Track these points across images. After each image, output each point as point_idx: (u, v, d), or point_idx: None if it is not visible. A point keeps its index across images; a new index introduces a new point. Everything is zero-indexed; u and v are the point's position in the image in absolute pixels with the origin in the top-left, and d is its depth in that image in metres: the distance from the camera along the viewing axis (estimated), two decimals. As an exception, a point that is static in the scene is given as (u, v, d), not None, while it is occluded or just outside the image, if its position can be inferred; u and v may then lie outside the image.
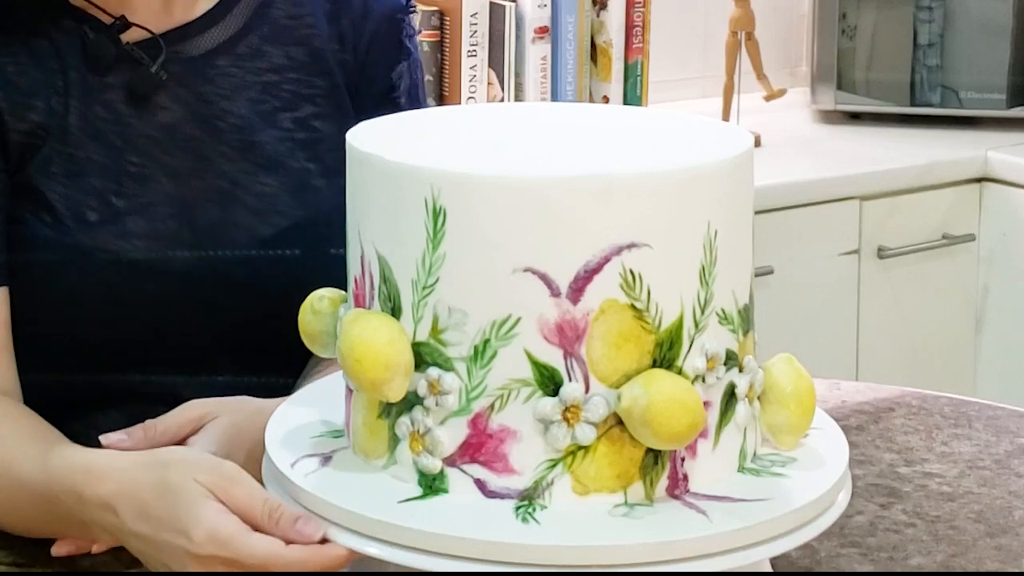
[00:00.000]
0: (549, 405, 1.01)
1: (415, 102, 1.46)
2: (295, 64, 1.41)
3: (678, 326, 1.01)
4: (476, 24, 2.64)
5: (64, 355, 1.35)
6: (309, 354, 1.40)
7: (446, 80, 2.66)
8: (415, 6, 1.49)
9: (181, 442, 1.22)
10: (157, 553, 1.10)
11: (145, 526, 1.11)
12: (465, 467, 1.03)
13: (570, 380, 1.01)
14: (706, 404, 1.03)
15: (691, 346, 1.02)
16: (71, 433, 1.24)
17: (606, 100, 2.73)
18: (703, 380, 1.03)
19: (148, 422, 1.23)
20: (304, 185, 1.38)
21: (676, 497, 1.04)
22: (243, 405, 1.25)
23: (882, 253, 2.69)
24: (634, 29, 2.74)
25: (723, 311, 1.04)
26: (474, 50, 2.64)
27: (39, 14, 1.35)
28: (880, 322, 2.72)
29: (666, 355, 1.01)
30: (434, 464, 1.03)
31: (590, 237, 0.99)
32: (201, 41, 1.39)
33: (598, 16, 2.74)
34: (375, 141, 1.07)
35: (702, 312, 1.02)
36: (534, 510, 1.01)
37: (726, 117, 2.85)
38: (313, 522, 1.05)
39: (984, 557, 1.22)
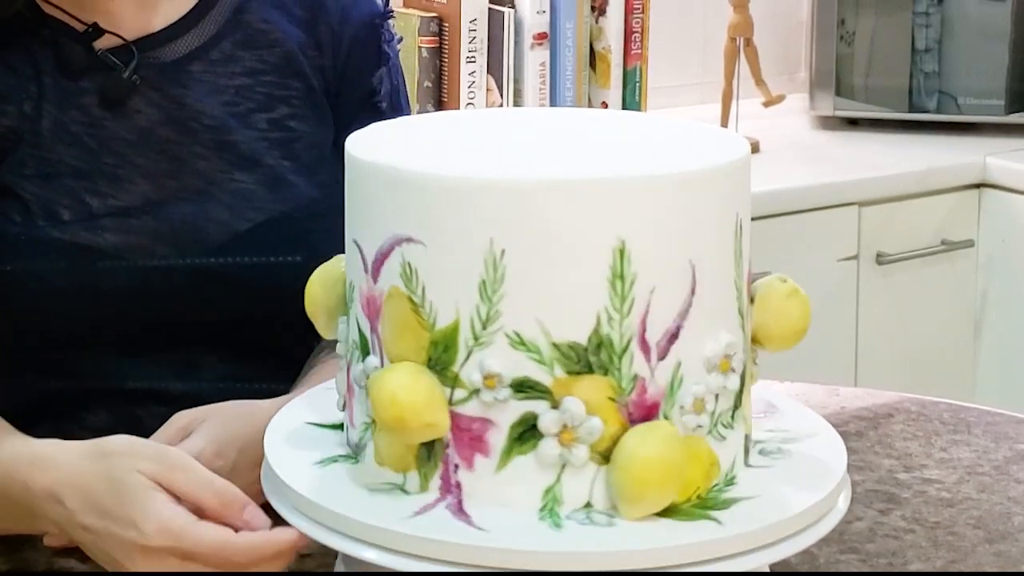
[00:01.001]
0: (358, 371, 1.07)
1: (396, 107, 1.48)
2: (269, 67, 1.42)
3: (453, 332, 1.02)
4: (475, 30, 2.64)
5: (49, 354, 1.35)
6: (303, 361, 1.41)
7: (445, 86, 2.66)
8: (393, 11, 1.50)
9: None
10: (105, 545, 1.11)
11: (93, 518, 1.12)
12: (344, 412, 1.12)
13: (372, 353, 1.06)
14: (484, 420, 1.02)
15: (468, 357, 1.02)
16: (61, 432, 1.24)
17: (605, 106, 2.73)
18: (478, 395, 1.01)
19: None
20: (280, 181, 1.39)
21: (442, 499, 1.03)
22: (231, 409, 1.26)
23: (881, 259, 2.69)
24: (633, 35, 2.74)
25: (517, 335, 1.00)
26: (473, 56, 2.64)
27: (14, 24, 1.36)
28: (879, 328, 2.72)
29: (440, 356, 1.02)
30: (338, 402, 1.13)
31: (383, 222, 1.04)
32: (174, 47, 1.40)
33: (597, 22, 2.74)
34: (368, 144, 1.08)
35: (483, 327, 1.01)
36: (338, 462, 1.09)
37: (725, 123, 2.85)
38: (262, 515, 1.09)
39: (983, 563, 1.22)
